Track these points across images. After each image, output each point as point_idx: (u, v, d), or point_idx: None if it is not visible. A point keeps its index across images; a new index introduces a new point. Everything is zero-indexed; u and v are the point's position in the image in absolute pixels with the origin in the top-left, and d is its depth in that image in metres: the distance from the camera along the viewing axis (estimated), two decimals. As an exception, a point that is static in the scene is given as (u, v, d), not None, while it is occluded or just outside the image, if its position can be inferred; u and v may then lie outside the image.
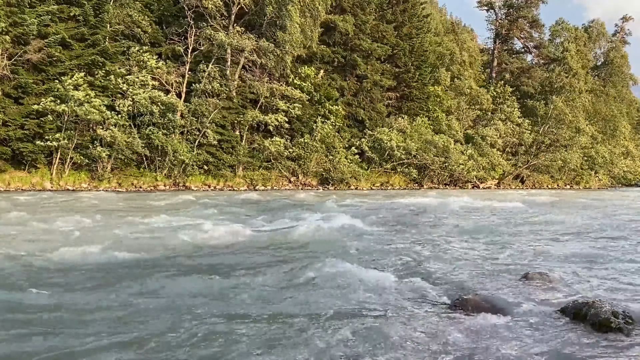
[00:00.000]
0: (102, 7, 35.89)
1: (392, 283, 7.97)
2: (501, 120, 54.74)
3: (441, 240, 12.66)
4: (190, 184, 36.84)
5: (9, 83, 32.28)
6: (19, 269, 8.65)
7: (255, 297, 7.16)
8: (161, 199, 25.38)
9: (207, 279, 8.12)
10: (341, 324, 5.96)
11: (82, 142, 33.43)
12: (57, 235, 12.19)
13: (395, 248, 11.35)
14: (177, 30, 39.22)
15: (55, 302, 6.79)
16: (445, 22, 74.59)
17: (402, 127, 47.41)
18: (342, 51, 47.00)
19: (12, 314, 6.26)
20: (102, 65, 34.83)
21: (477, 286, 7.85)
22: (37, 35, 32.92)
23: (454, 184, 49.44)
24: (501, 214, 19.92)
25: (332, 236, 12.93)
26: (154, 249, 10.69)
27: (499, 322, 6.09)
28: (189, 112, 37.21)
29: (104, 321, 6.03)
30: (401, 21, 50.98)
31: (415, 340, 5.54)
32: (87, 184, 33.52)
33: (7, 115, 31.34)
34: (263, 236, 12.88)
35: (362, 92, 47.37)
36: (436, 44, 59.54)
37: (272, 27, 40.50)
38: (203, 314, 6.32)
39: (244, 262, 9.58)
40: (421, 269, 9.16)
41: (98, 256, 9.71)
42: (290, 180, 41.58)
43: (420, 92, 51.17)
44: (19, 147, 31.53)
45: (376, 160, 45.89)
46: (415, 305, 6.88)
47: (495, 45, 67.36)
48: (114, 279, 8.10)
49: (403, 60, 50.04)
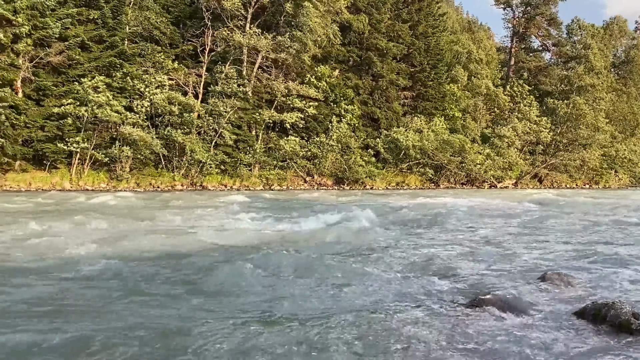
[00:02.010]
0: (120, 10, 36.33)
1: (408, 282, 7.98)
2: (519, 119, 54.19)
3: (457, 240, 12.62)
4: (207, 183, 37.12)
5: (30, 85, 32.85)
6: (103, 268, 8.82)
7: (274, 297, 7.23)
8: (188, 199, 25.63)
9: (227, 277, 8.22)
10: (356, 323, 6.00)
11: (101, 143, 33.86)
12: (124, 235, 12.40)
13: (411, 248, 11.35)
14: (194, 31, 39.53)
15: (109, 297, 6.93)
16: (462, 21, 74.17)
17: (418, 126, 47.21)
18: (357, 50, 46.97)
19: (75, 305, 6.41)
20: (120, 66, 35.25)
21: (494, 286, 7.82)
22: (58, 38, 33.44)
23: (470, 183, 49.10)
24: (518, 214, 19.75)
25: (347, 236, 12.95)
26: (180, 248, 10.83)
27: (516, 323, 6.08)
28: (206, 113, 37.48)
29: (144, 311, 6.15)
30: (417, 20, 50.76)
31: (431, 340, 5.55)
32: (106, 184, 33.95)
33: (28, 117, 31.90)
34: (281, 235, 12.96)
35: (378, 91, 47.27)
36: (452, 43, 59.21)
37: (289, 26, 40.67)
38: (221, 310, 6.40)
39: (266, 261, 9.66)
40: (437, 268, 9.15)
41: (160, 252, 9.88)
42: (305, 180, 41.66)
43: (436, 91, 50.90)
44: (40, 148, 32.07)
45: (391, 160, 45.75)
46: (431, 304, 6.89)
47: (512, 44, 66.74)
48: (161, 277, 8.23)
49: (419, 60, 49.83)
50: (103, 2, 35.73)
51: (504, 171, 51.25)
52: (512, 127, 52.75)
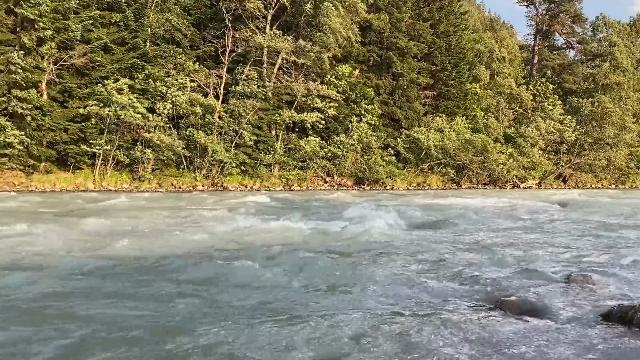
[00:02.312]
0: (142, 12, 36.77)
1: (431, 284, 7.88)
2: (542, 119, 53.35)
3: (479, 241, 12.43)
4: (227, 184, 37.36)
5: (55, 87, 33.45)
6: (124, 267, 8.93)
7: (289, 297, 7.19)
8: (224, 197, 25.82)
9: (252, 275, 8.22)
10: (374, 326, 5.92)
11: (124, 144, 34.31)
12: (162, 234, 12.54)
13: (432, 249, 11.22)
14: (215, 32, 39.82)
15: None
16: (484, 19, 73.42)
17: (439, 126, 46.83)
18: (377, 50, 46.79)
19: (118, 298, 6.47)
20: (142, 68, 35.67)
21: (518, 288, 7.67)
22: (81, 41, 33.99)
23: (493, 183, 48.52)
24: (542, 214, 19.41)
25: (366, 237, 12.87)
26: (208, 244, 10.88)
27: (540, 325, 5.93)
28: (227, 114, 37.71)
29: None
30: (438, 19, 50.36)
31: (454, 342, 5.45)
32: (129, 185, 34.39)
33: (53, 119, 32.48)
34: (299, 236, 12.93)
35: (398, 91, 47.02)
36: (474, 42, 58.58)
37: (309, 27, 40.72)
38: (234, 308, 6.39)
39: (290, 261, 9.64)
40: (460, 270, 9.02)
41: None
42: (325, 180, 41.63)
43: (457, 90, 50.42)
44: (64, 149, 32.63)
45: (412, 160, 45.45)
46: (455, 306, 6.78)
47: (535, 42, 65.78)
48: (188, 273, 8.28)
49: (440, 59, 49.42)
50: (125, 5, 36.22)
51: (527, 171, 50.49)
52: (536, 127, 51.95)
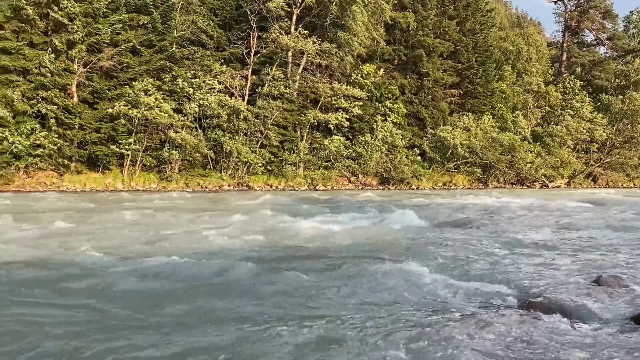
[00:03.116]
0: (169, 14, 37.26)
1: (457, 284, 7.83)
2: (571, 117, 52.29)
3: (506, 242, 12.28)
4: (252, 183, 37.61)
5: (85, 89, 34.16)
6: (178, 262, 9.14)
7: (317, 297, 7.23)
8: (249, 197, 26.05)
9: (280, 274, 8.29)
10: (401, 326, 5.92)
11: (151, 145, 34.83)
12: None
13: (458, 249, 11.13)
14: (240, 34, 40.11)
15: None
16: (511, 16, 72.35)
17: (465, 125, 46.32)
18: (403, 49, 46.51)
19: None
20: (169, 70, 36.15)
21: (546, 289, 7.57)
22: (110, 43, 34.63)
23: (521, 183, 47.78)
24: (571, 214, 19.06)
25: (393, 237, 12.85)
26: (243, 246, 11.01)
27: (569, 327, 5.85)
28: (252, 115, 37.97)
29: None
30: (464, 16, 49.81)
31: (481, 343, 5.42)
32: (156, 185, 34.90)
33: (83, 120, 33.18)
34: (326, 235, 12.97)
35: (424, 89, 46.67)
36: (501, 39, 57.76)
37: (334, 27, 40.71)
38: (272, 307, 6.45)
39: (318, 260, 9.69)
40: (486, 270, 8.94)
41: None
42: (350, 180, 41.57)
43: (484, 89, 49.77)
44: (94, 150, 33.30)
45: (438, 159, 45.07)
46: (481, 307, 6.73)
47: (564, 38, 64.47)
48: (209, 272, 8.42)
49: (466, 57, 48.88)
50: (152, 8, 36.75)
51: (555, 170, 49.56)
52: (565, 125, 50.94)
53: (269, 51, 39.41)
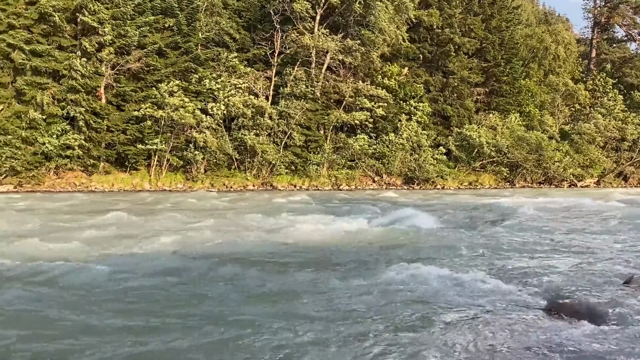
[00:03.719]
0: (194, 16, 37.69)
1: (483, 286, 7.73)
2: (601, 115, 51.14)
3: (533, 242, 12.08)
4: (277, 183, 37.79)
5: (112, 91, 34.79)
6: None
7: (346, 296, 7.22)
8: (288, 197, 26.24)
9: (300, 275, 8.31)
10: (425, 327, 5.87)
11: (177, 145, 35.28)
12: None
13: (484, 250, 10.99)
14: (264, 34, 40.33)
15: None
16: (538, 13, 71.10)
17: (491, 123, 45.71)
18: (428, 47, 46.15)
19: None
20: (194, 71, 36.56)
21: (574, 290, 7.42)
22: (137, 46, 35.19)
23: (548, 182, 46.93)
24: (600, 214, 18.63)
25: (417, 237, 12.75)
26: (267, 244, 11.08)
27: (597, 330, 5.72)
28: (276, 115, 38.15)
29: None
30: (490, 14, 49.18)
31: (508, 346, 5.34)
32: (182, 185, 35.34)
33: (111, 121, 33.80)
34: (348, 235, 12.95)
35: (449, 88, 46.24)
36: (528, 36, 56.81)
37: (358, 26, 40.63)
38: (296, 308, 6.47)
39: (340, 260, 9.70)
40: (512, 271, 8.81)
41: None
42: (374, 179, 41.42)
43: (510, 87, 49.07)
44: (122, 151, 33.88)
45: (464, 158, 44.58)
46: (508, 309, 6.63)
47: (593, 35, 63.10)
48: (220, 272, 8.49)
49: (492, 54, 48.26)
50: (178, 10, 37.22)
51: (584, 169, 48.53)
52: (594, 123, 49.84)
53: (292, 51, 39.53)
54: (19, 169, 30.53)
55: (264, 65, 40.41)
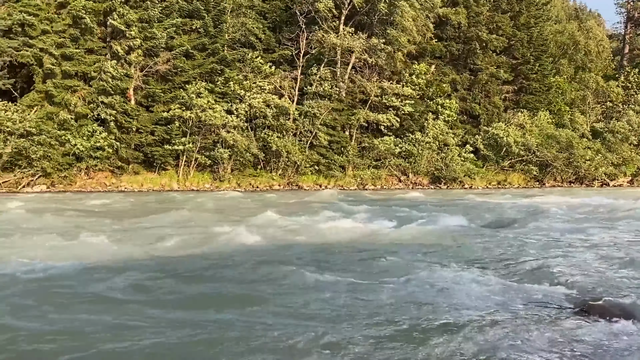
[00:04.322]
0: (220, 18, 38.03)
1: (512, 287, 7.63)
2: (634, 112, 49.81)
3: (564, 242, 11.84)
4: (302, 183, 37.87)
5: (141, 93, 35.36)
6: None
7: (374, 298, 7.20)
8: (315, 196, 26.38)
9: (319, 275, 8.31)
10: (455, 329, 5.80)
11: (205, 145, 35.66)
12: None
13: (513, 250, 10.83)
14: (289, 35, 40.47)
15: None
16: (568, 9, 69.69)
17: (520, 121, 44.97)
18: (455, 45, 45.67)
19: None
20: (221, 72, 36.89)
21: (606, 291, 7.24)
22: (165, 48, 35.69)
23: (579, 181, 45.93)
24: (633, 214, 18.14)
25: (445, 238, 12.62)
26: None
27: (631, 332, 5.57)
28: (301, 115, 38.24)
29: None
30: (518, 10, 48.41)
31: (540, 347, 5.26)
32: (210, 184, 35.69)
33: (139, 122, 34.35)
34: (375, 236, 12.91)
35: (477, 86, 45.67)
36: (558, 33, 55.76)
37: (383, 24, 40.45)
38: (315, 310, 6.47)
39: (370, 260, 9.67)
40: (542, 272, 8.65)
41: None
42: (400, 179, 41.16)
43: (540, 84, 48.21)
44: (151, 151, 34.41)
45: (492, 157, 43.96)
46: (538, 309, 6.52)
47: (626, 30, 61.56)
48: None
49: (521, 52, 47.49)
50: (204, 12, 37.60)
51: (617, 168, 47.32)
52: (627, 121, 48.55)
53: (317, 51, 39.57)
54: (51, 170, 31.27)
55: (289, 65, 40.55)
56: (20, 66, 33.53)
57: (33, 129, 30.72)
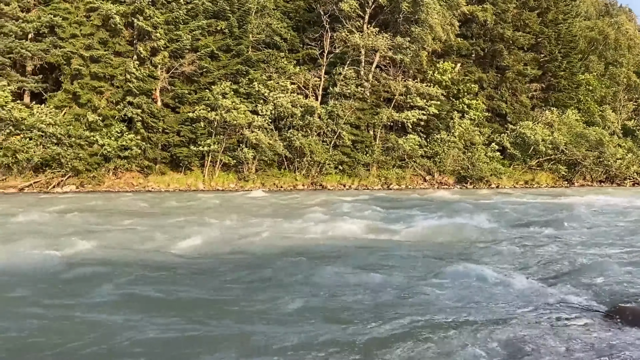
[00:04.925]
0: (245, 19, 38.26)
1: (540, 289, 7.49)
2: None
3: (594, 243, 11.57)
4: (326, 183, 37.87)
5: (167, 94, 35.81)
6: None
7: (401, 297, 7.14)
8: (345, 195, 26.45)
9: (350, 273, 8.29)
10: (486, 331, 5.72)
11: (229, 146, 35.95)
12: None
13: (540, 251, 10.63)
14: (313, 35, 40.51)
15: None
16: (598, 4, 68.19)
17: (548, 120, 44.17)
18: (481, 43, 45.12)
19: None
20: (245, 73, 37.12)
21: (637, 294, 7.04)
22: (190, 49, 36.08)
23: (610, 181, 44.94)
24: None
25: (472, 237, 12.47)
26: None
27: (664, 336, 5.40)
28: (325, 114, 38.24)
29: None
30: (546, 7, 47.58)
31: (568, 351, 5.14)
32: (235, 184, 35.97)
33: (166, 123, 34.80)
34: (398, 235, 12.82)
35: (504, 84, 45.03)
36: (587, 29, 54.61)
37: (407, 23, 40.18)
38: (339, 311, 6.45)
39: (392, 261, 9.61)
40: (570, 274, 8.46)
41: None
42: (425, 178, 40.83)
43: (568, 81, 47.30)
44: (176, 152, 34.84)
45: (519, 156, 43.29)
46: (566, 313, 6.37)
47: (659, 25, 59.93)
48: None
49: (549, 49, 46.67)
50: (229, 13, 37.87)
51: (650, 166, 46.15)
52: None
53: (341, 51, 39.51)
54: (81, 170, 31.91)
55: (313, 65, 40.59)
56: (50, 69, 34.30)
57: (64, 131, 31.36)
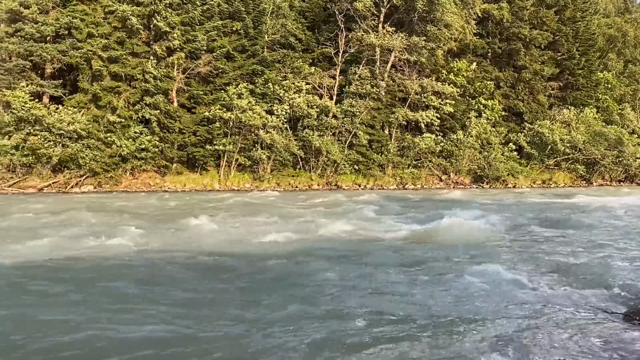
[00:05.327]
0: (260, 19, 38.38)
1: (559, 289, 7.43)
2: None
3: (611, 244, 11.42)
4: (341, 183, 37.83)
5: (183, 94, 36.07)
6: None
7: (409, 300, 7.13)
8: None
9: (358, 271, 8.28)
10: (498, 331, 5.69)
11: (245, 146, 36.09)
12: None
13: (559, 252, 10.52)
14: (328, 34, 40.50)
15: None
16: (617, 1, 67.14)
17: (566, 118, 43.64)
18: (497, 41, 44.71)
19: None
20: (261, 73, 37.24)
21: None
22: (206, 50, 36.29)
23: (629, 180, 44.28)
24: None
25: (489, 238, 12.38)
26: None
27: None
28: (341, 114, 38.21)
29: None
30: (563, 4, 47.00)
31: (587, 351, 5.09)
32: (250, 184, 36.11)
33: (182, 124, 35.05)
34: (414, 235, 12.77)
35: (521, 83, 44.58)
36: (606, 26, 53.85)
37: (422, 22, 39.98)
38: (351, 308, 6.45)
39: (405, 259, 9.60)
40: (588, 275, 8.37)
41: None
42: (441, 178, 40.59)
43: (586, 80, 46.68)
44: (192, 152, 35.07)
45: (536, 155, 42.83)
46: (585, 313, 6.32)
47: (679, 22, 58.89)
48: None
49: (566, 47, 46.11)
50: (245, 14, 38.01)
51: (671, 166, 45.36)
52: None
53: (356, 50, 39.44)
54: (99, 170, 32.29)
55: (328, 64, 40.58)
56: (68, 70, 34.74)
57: (83, 131, 31.73)
